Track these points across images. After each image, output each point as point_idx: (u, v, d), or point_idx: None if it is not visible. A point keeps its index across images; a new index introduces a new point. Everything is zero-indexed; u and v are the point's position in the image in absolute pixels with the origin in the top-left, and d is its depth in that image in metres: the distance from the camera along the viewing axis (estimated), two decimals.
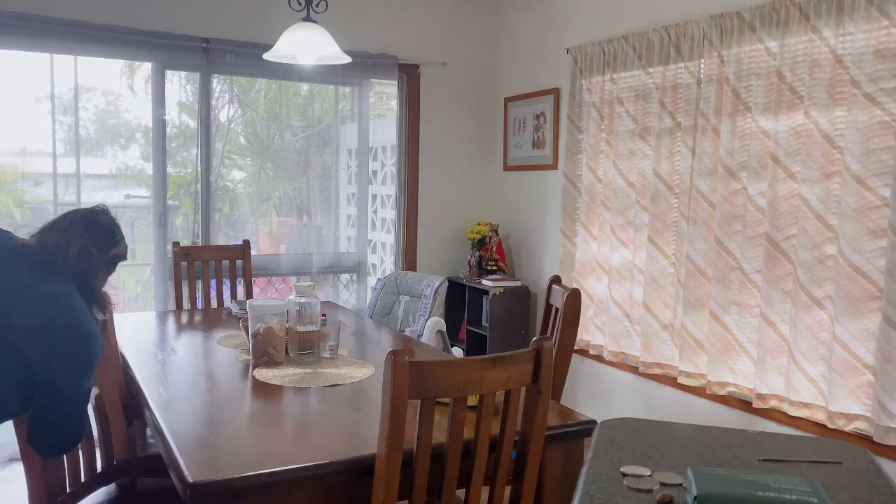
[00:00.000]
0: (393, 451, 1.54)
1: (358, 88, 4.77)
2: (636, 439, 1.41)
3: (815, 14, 2.87)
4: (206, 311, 3.60)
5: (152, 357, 2.58)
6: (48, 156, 3.95)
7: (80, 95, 4.03)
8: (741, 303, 3.23)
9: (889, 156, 2.65)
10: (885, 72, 2.65)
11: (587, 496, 1.16)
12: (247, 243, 4.08)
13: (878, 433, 2.67)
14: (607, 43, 3.93)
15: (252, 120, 4.89)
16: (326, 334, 2.60)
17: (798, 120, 2.96)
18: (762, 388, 3.11)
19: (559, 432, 1.93)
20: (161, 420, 1.90)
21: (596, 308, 4.12)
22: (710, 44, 3.33)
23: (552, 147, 4.48)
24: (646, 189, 3.73)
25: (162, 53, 4.04)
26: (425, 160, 4.89)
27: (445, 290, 4.32)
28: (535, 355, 1.71)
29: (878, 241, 2.70)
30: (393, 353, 1.51)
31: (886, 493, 1.20)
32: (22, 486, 3.40)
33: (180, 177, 4.53)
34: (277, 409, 2.02)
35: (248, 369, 2.43)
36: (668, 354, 3.64)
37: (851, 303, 2.75)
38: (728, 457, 1.34)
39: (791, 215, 3.01)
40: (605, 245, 4.01)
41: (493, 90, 5.05)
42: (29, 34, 3.70)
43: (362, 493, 1.69)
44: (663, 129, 3.60)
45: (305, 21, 2.99)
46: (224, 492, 1.55)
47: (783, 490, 1.08)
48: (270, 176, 4.90)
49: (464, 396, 1.62)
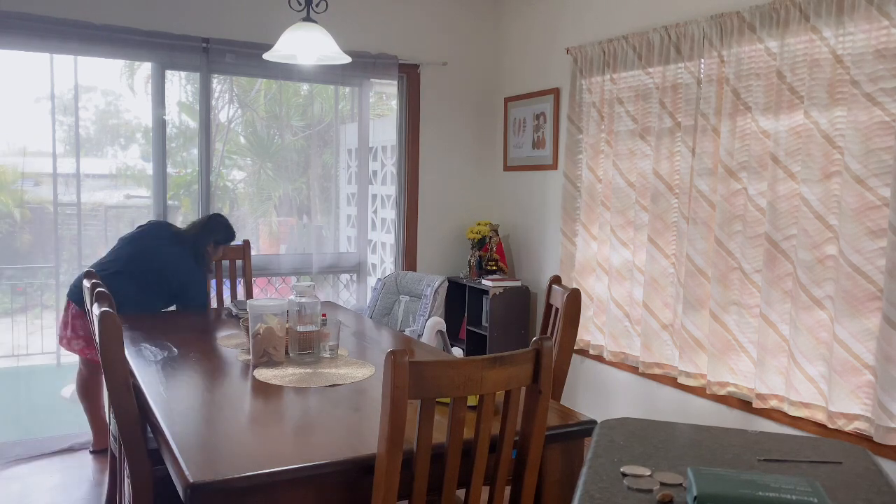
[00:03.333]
0: (393, 451, 1.54)
1: (358, 88, 4.77)
2: (636, 439, 1.41)
3: (815, 14, 2.87)
4: (206, 310, 3.60)
5: (152, 357, 2.58)
6: (48, 156, 3.95)
7: (80, 95, 4.03)
8: (741, 303, 3.23)
9: (889, 156, 2.65)
10: (885, 72, 2.65)
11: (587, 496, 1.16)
12: (247, 243, 4.08)
13: (878, 433, 2.67)
14: (607, 43, 3.93)
15: (252, 120, 4.89)
16: (326, 334, 2.60)
17: (798, 120, 2.96)
18: (762, 388, 3.11)
19: (559, 432, 1.93)
20: (161, 420, 1.90)
21: (596, 308, 4.12)
22: (710, 44, 3.33)
23: (552, 147, 4.48)
24: (646, 189, 3.73)
25: (162, 53, 4.04)
26: (425, 160, 4.89)
27: (445, 290, 4.32)
28: (535, 355, 1.71)
29: (878, 241, 2.70)
30: (393, 353, 1.51)
31: (886, 493, 1.20)
32: (22, 485, 3.41)
33: (180, 177, 4.53)
34: (277, 409, 2.02)
35: (248, 369, 2.43)
36: (668, 354, 3.64)
37: (851, 303, 2.75)
38: (728, 457, 1.34)
39: (791, 215, 3.01)
40: (605, 245, 4.02)
41: (493, 90, 5.05)
42: (29, 34, 3.70)
43: (362, 493, 1.69)
44: (663, 129, 3.60)
45: (305, 21, 2.99)
46: (224, 492, 1.55)
47: (783, 490, 1.08)
48: (270, 176, 4.91)
49: (464, 396, 1.62)
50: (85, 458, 3.74)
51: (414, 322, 4.29)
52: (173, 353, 2.64)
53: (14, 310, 5.20)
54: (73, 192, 3.98)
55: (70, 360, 4.36)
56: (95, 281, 2.68)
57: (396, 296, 4.46)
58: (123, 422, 1.97)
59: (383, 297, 4.50)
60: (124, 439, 1.98)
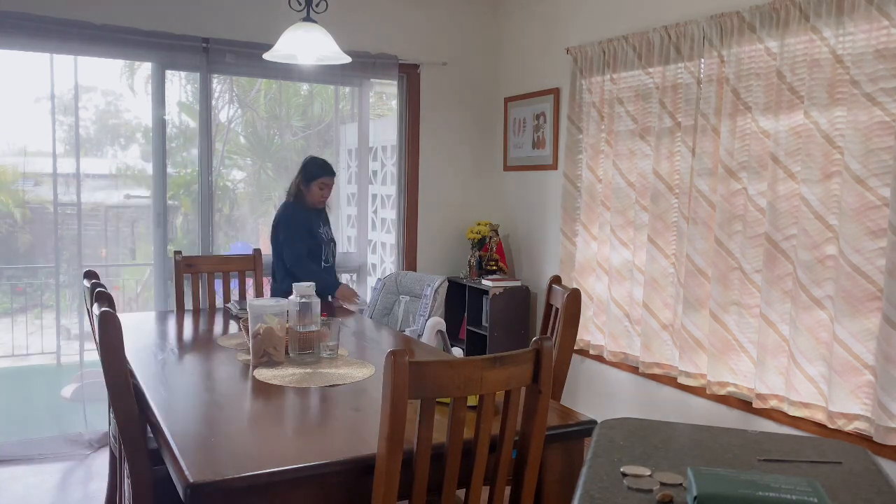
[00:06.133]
0: (393, 451, 1.54)
1: (358, 88, 4.77)
2: (636, 439, 1.41)
3: (815, 14, 2.87)
4: (207, 310, 3.59)
5: (152, 357, 2.58)
6: (48, 156, 3.95)
7: (80, 95, 4.03)
8: (741, 303, 3.23)
9: (889, 156, 2.65)
10: (885, 72, 2.65)
11: (587, 496, 1.16)
12: (258, 252, 3.83)
13: (878, 433, 2.67)
14: (607, 43, 3.93)
15: (252, 120, 4.89)
16: (326, 334, 2.60)
17: (798, 120, 2.96)
18: (762, 388, 3.11)
19: (559, 432, 1.93)
20: (161, 420, 1.90)
21: (596, 308, 4.12)
22: (710, 44, 3.33)
23: (552, 147, 4.48)
24: (646, 189, 3.73)
25: (162, 53, 4.04)
26: (425, 160, 4.89)
27: (445, 290, 4.32)
28: (535, 355, 1.71)
29: (878, 241, 2.70)
30: (393, 353, 1.51)
31: (886, 493, 1.20)
32: (22, 486, 3.41)
33: (180, 177, 4.53)
34: (277, 409, 2.02)
35: (248, 369, 2.43)
36: (668, 354, 3.64)
37: (851, 303, 2.75)
38: (728, 457, 1.34)
39: (791, 215, 3.01)
40: (605, 245, 4.01)
41: (493, 90, 5.05)
42: (29, 34, 3.70)
43: (362, 493, 1.69)
44: (663, 129, 3.60)
45: (305, 21, 2.99)
46: (224, 492, 1.55)
47: (783, 490, 1.08)
48: (270, 176, 4.91)
49: (464, 396, 1.62)
50: (85, 458, 3.74)
51: (414, 322, 4.28)
52: (173, 354, 2.64)
53: (14, 310, 5.20)
54: (73, 192, 3.98)
55: (70, 360, 4.37)
56: (95, 281, 2.68)
57: (396, 296, 4.45)
58: (123, 422, 1.97)
59: (383, 296, 4.49)
60: (124, 439, 1.98)
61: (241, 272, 3.86)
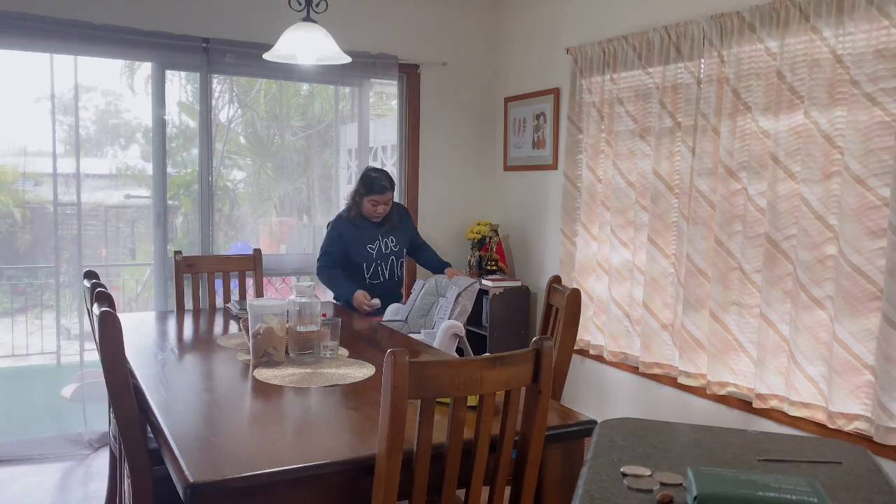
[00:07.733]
0: (393, 451, 1.54)
1: (358, 88, 4.77)
2: (636, 439, 1.41)
3: (815, 14, 2.87)
4: (207, 310, 3.59)
5: (152, 357, 2.58)
6: (48, 156, 3.95)
7: (80, 95, 4.03)
8: (741, 303, 3.23)
9: (889, 156, 2.65)
10: (885, 72, 2.65)
11: (587, 496, 1.16)
12: (258, 252, 3.82)
13: (878, 433, 2.67)
14: (607, 43, 3.93)
15: (252, 120, 4.89)
16: (326, 334, 2.60)
17: (798, 120, 2.96)
18: (762, 388, 3.11)
19: (559, 432, 1.93)
20: (161, 420, 1.90)
21: (596, 308, 4.12)
22: (710, 44, 3.33)
23: (552, 147, 4.48)
24: (646, 189, 3.73)
25: (162, 53, 4.04)
26: (425, 160, 4.89)
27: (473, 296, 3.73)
28: (535, 355, 1.71)
29: (878, 241, 2.70)
30: (393, 353, 1.51)
31: (886, 493, 1.20)
32: (22, 485, 3.41)
33: (180, 177, 4.53)
34: (277, 409, 2.02)
35: (248, 369, 2.43)
36: (668, 354, 3.64)
37: (851, 303, 2.75)
38: (728, 457, 1.34)
39: (791, 215, 3.01)
40: (605, 245, 4.01)
41: (493, 90, 5.05)
42: (29, 34, 3.70)
43: (362, 493, 1.69)
44: (663, 129, 3.60)
45: (305, 21, 2.99)
46: (224, 492, 1.55)
47: (783, 490, 1.08)
48: (270, 176, 4.90)
49: (464, 396, 1.62)
50: (85, 458, 3.74)
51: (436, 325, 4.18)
52: (173, 353, 2.64)
53: (14, 310, 5.20)
54: (73, 192, 3.98)
55: (70, 361, 4.37)
56: (96, 281, 2.68)
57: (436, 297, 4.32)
58: (123, 422, 1.97)
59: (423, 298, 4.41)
60: (124, 439, 1.98)
61: (241, 272, 3.84)
